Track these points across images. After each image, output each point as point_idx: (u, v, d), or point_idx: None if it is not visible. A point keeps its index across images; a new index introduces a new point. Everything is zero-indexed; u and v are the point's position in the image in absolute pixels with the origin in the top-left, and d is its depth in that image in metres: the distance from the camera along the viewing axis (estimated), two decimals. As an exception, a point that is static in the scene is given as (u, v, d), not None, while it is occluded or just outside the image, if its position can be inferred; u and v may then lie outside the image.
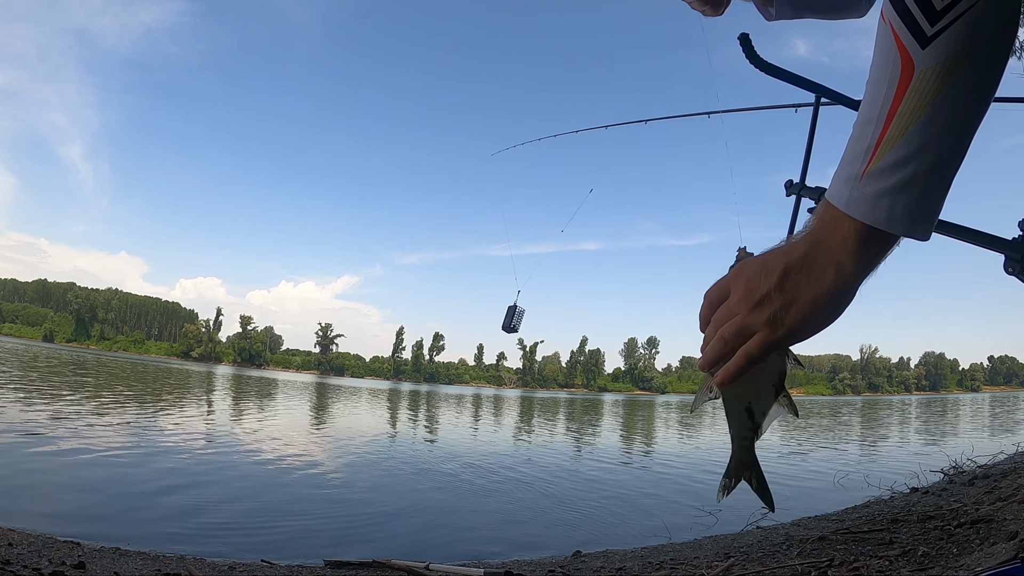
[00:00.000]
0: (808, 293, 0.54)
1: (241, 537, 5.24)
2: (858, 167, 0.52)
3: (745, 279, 0.58)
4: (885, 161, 0.50)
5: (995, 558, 3.01)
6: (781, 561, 3.78)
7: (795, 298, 0.54)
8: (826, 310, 0.55)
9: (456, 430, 18.59)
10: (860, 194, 0.51)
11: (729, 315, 0.59)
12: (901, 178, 0.50)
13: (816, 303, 0.54)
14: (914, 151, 0.49)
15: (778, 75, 1.24)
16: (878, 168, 0.50)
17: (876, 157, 0.51)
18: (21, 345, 72.72)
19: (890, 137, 0.50)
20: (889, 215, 0.50)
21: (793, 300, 0.54)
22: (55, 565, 3.44)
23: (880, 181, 0.50)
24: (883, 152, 0.50)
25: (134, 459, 8.40)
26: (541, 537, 5.88)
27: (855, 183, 0.51)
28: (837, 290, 0.53)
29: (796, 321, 0.55)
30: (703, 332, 0.64)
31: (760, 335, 0.57)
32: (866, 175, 0.51)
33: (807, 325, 0.55)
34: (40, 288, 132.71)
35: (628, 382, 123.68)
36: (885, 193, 0.50)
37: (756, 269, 0.57)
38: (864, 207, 0.51)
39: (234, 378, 49.74)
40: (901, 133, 0.49)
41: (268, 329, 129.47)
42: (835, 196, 0.53)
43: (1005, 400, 55.49)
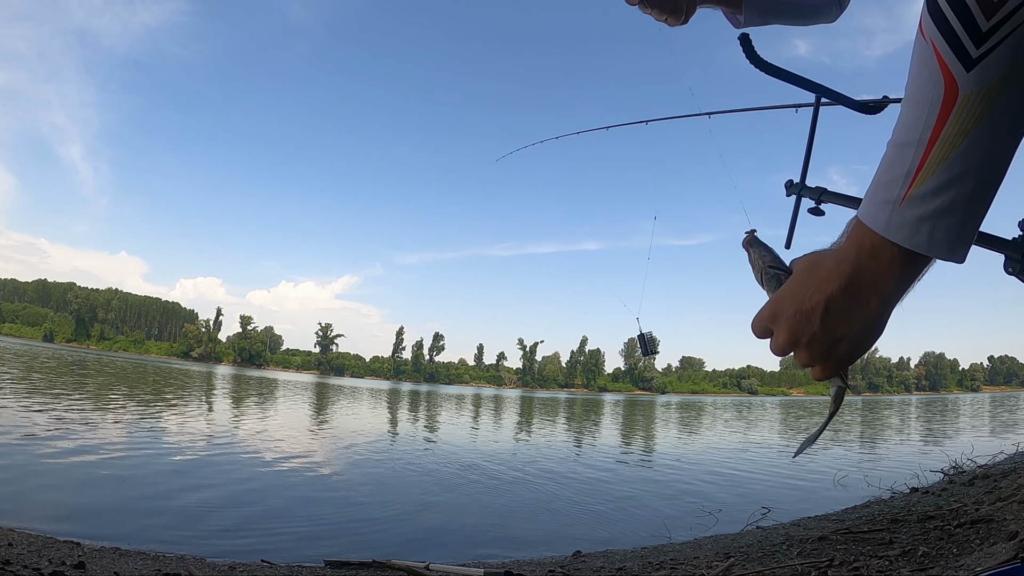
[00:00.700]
0: (856, 326, 0.54)
1: (241, 537, 5.24)
2: (897, 191, 0.51)
3: (786, 323, 0.57)
4: (927, 187, 0.49)
5: (995, 558, 3.01)
6: (781, 561, 3.78)
7: (843, 335, 0.55)
8: (874, 336, 0.56)
9: (456, 430, 18.59)
10: (900, 219, 0.50)
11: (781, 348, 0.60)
12: (943, 204, 0.49)
13: (864, 334, 0.55)
14: (956, 176, 0.48)
15: (778, 75, 1.24)
16: (919, 193, 0.50)
17: (917, 182, 0.50)
18: (21, 345, 72.72)
19: (932, 162, 0.49)
20: (930, 240, 0.50)
21: (842, 336, 0.55)
22: (55, 565, 3.44)
23: (921, 206, 0.50)
24: (924, 177, 0.49)
25: (134, 459, 8.39)
26: (541, 537, 5.88)
27: (895, 207, 0.51)
28: (880, 315, 0.54)
29: (846, 354, 0.56)
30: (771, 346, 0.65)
31: (815, 372, 0.59)
32: (907, 200, 0.50)
33: (856, 353, 0.56)
34: (40, 288, 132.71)
35: (628, 382, 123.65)
36: (926, 218, 0.49)
37: (794, 309, 0.57)
38: (904, 232, 0.50)
39: (234, 378, 49.74)
40: (943, 159, 0.48)
41: (268, 329, 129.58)
42: (872, 219, 0.52)
43: (1005, 400, 55.48)
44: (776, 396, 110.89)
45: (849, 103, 1.38)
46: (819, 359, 0.57)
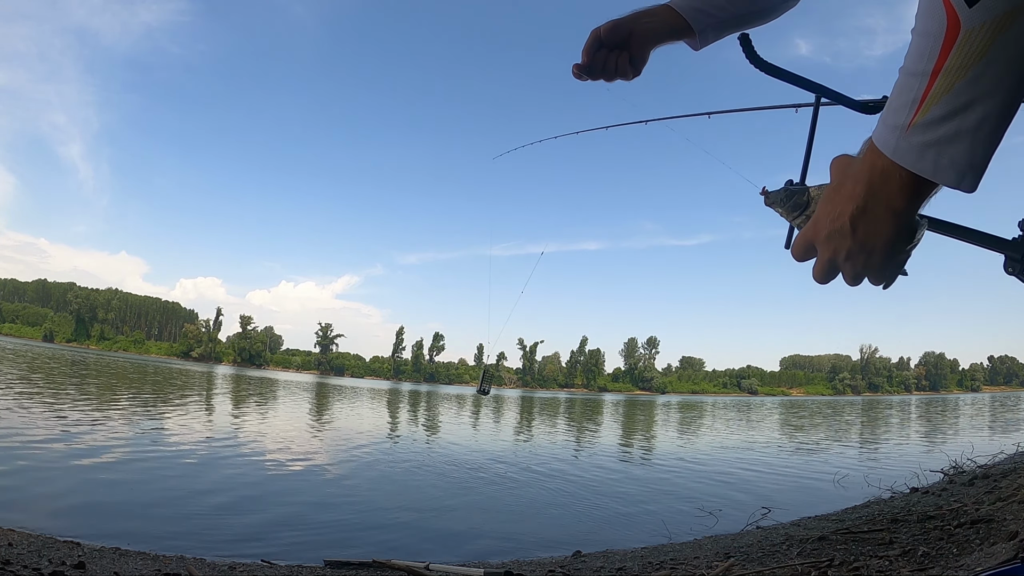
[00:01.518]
0: (881, 239, 0.59)
1: (241, 537, 5.24)
2: (904, 117, 0.53)
3: (824, 243, 0.63)
4: (931, 115, 0.51)
5: (995, 558, 3.01)
6: (781, 561, 3.78)
7: (874, 246, 0.60)
8: (900, 245, 0.60)
9: (456, 431, 18.59)
10: (907, 144, 0.53)
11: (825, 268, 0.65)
12: (946, 132, 0.51)
13: (890, 244, 0.59)
14: (960, 107, 0.50)
15: (778, 75, 1.24)
16: (924, 121, 0.52)
17: (922, 110, 0.52)
18: (21, 345, 72.73)
19: (935, 92, 0.51)
20: (935, 166, 0.52)
21: (873, 248, 0.60)
22: (55, 565, 3.44)
23: (926, 133, 0.52)
24: (929, 106, 0.51)
25: (134, 460, 8.40)
26: (541, 537, 5.88)
27: (901, 132, 0.53)
28: (899, 227, 0.58)
29: (882, 261, 0.61)
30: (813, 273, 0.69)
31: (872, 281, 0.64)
32: (912, 126, 0.52)
33: (891, 260, 0.61)
34: (40, 288, 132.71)
35: (628, 382, 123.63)
36: (931, 145, 0.52)
37: (827, 230, 0.62)
38: (910, 157, 0.53)
39: (234, 378, 49.74)
40: (947, 89, 0.50)
41: (268, 329, 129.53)
42: (882, 142, 0.55)
43: (1005, 400, 55.48)
44: (776, 396, 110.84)
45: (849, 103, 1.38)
46: (863, 269, 0.62)
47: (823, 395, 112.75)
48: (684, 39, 1.12)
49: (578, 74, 1.13)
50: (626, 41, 1.10)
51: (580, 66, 1.12)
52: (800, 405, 57.23)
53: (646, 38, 1.11)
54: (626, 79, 1.13)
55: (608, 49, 1.11)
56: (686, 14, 1.09)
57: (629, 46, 1.11)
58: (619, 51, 1.11)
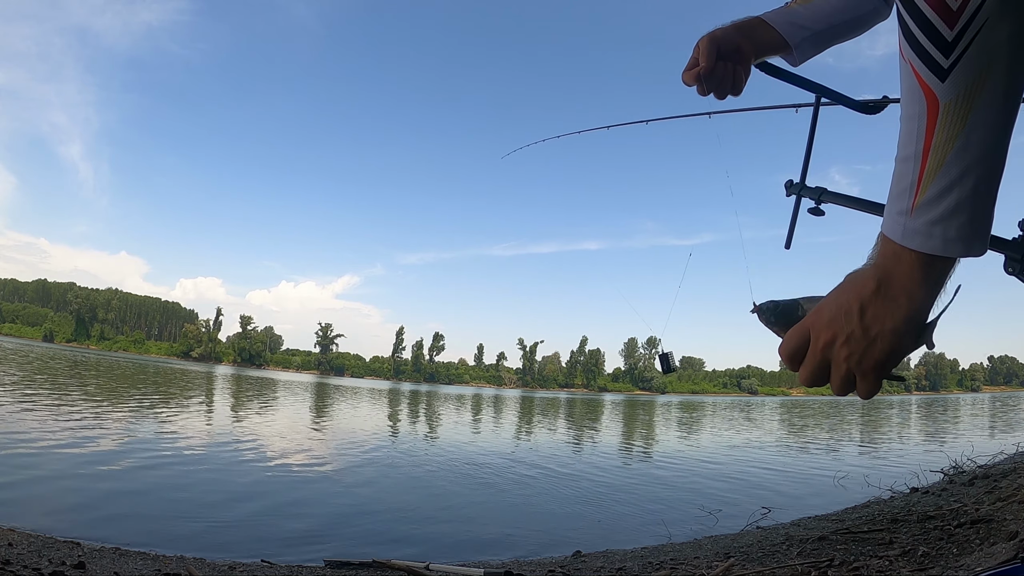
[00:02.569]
0: (889, 324, 0.57)
1: (241, 537, 5.24)
2: (906, 202, 0.54)
3: (826, 321, 0.60)
4: (930, 194, 0.53)
5: (995, 558, 3.01)
6: (781, 561, 3.78)
7: (879, 331, 0.57)
8: (907, 337, 0.58)
9: (456, 430, 18.59)
10: (913, 227, 0.54)
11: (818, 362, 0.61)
12: (948, 207, 0.52)
13: (896, 332, 0.57)
14: (955, 179, 0.52)
15: (778, 75, 1.24)
16: (924, 201, 0.53)
17: (920, 191, 0.53)
18: (21, 345, 72.71)
19: (930, 170, 0.53)
20: (944, 241, 0.53)
21: (877, 334, 0.57)
22: (55, 565, 3.44)
23: (929, 212, 0.53)
24: (926, 186, 0.53)
25: (133, 460, 8.40)
26: (541, 537, 5.88)
27: (907, 217, 0.54)
28: (913, 315, 0.57)
29: (883, 353, 0.58)
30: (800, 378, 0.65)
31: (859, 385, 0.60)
32: (915, 208, 0.54)
33: (891, 354, 0.58)
34: (40, 288, 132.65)
35: (628, 382, 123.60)
36: (936, 222, 0.53)
37: (835, 311, 0.59)
38: (919, 239, 0.54)
39: (234, 378, 49.73)
40: (939, 166, 0.52)
41: (268, 329, 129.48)
42: (891, 231, 0.56)
43: (1005, 400, 55.47)
44: (776, 396, 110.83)
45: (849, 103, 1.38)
46: (856, 361, 0.59)
47: (823, 395, 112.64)
48: (781, 54, 1.07)
49: (697, 82, 1.00)
50: (735, 54, 1.02)
51: (702, 72, 0.99)
52: (800, 405, 57.22)
53: (751, 52, 1.04)
54: (735, 95, 1.05)
55: (723, 61, 1.01)
56: (781, 28, 1.03)
57: (738, 59, 1.02)
58: (732, 64, 1.02)
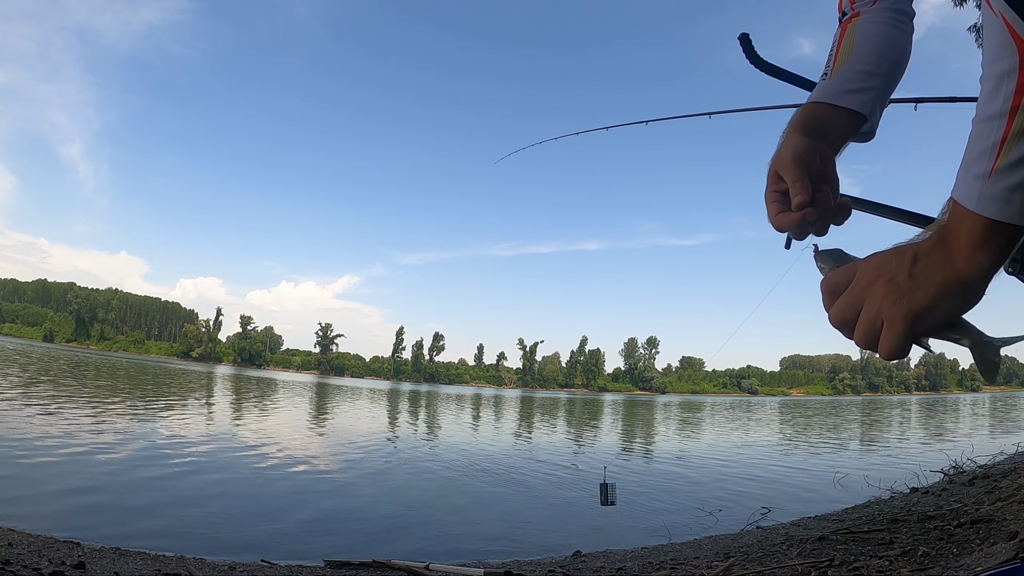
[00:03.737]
0: (938, 277, 0.53)
1: (241, 537, 5.24)
2: (985, 165, 0.49)
3: (876, 263, 0.57)
4: (1013, 156, 0.48)
5: (995, 558, 3.01)
6: (781, 561, 3.78)
7: (924, 281, 0.54)
8: (953, 298, 0.54)
9: (456, 431, 18.59)
10: (991, 192, 0.49)
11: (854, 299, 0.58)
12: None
13: (943, 288, 0.53)
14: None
15: (778, 75, 1.24)
16: (1007, 164, 0.48)
17: (1003, 153, 0.48)
18: (21, 345, 72.72)
19: (1016, 131, 0.48)
20: (1023, 210, 0.48)
21: (922, 284, 0.54)
22: (55, 565, 3.44)
23: (1011, 177, 0.48)
24: (1011, 147, 0.48)
25: (133, 460, 8.40)
26: (541, 537, 5.88)
27: (984, 181, 0.49)
28: (965, 278, 0.53)
29: (922, 305, 0.54)
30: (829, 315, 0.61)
31: (887, 332, 0.56)
32: (995, 172, 0.49)
33: (931, 310, 0.54)
34: (40, 288, 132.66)
35: (628, 382, 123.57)
36: (1017, 188, 0.48)
37: (887, 255, 0.57)
38: (996, 205, 0.49)
39: (234, 378, 49.75)
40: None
41: (268, 329, 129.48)
42: (963, 196, 0.51)
43: (1005, 400, 55.50)
44: (776, 396, 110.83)
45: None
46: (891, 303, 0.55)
47: (823, 395, 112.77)
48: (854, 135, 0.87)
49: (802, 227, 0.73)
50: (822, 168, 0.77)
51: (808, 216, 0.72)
52: (800, 405, 57.23)
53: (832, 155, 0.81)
54: (838, 224, 0.77)
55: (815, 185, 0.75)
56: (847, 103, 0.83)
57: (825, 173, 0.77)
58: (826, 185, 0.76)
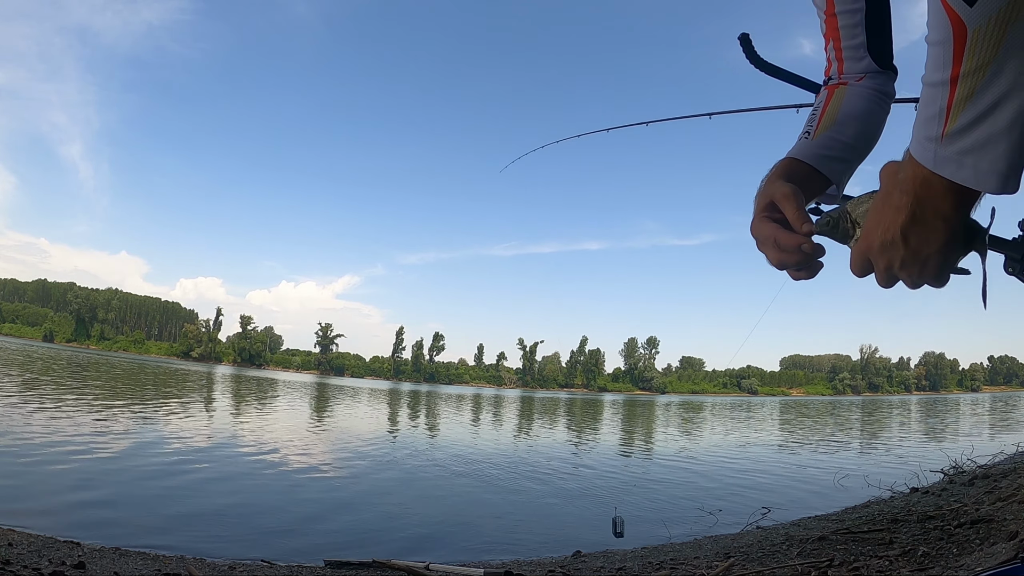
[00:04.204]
0: (934, 247, 0.58)
1: (241, 537, 5.24)
2: (936, 128, 0.52)
3: (878, 254, 0.62)
4: (960, 123, 0.50)
5: (995, 558, 3.01)
6: (781, 561, 3.78)
7: (927, 254, 0.59)
8: (955, 250, 0.59)
9: (456, 431, 18.59)
10: (944, 155, 0.52)
11: (885, 277, 0.64)
12: (979, 138, 0.50)
13: (943, 251, 0.58)
14: (986, 110, 0.49)
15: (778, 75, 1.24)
16: (955, 129, 0.51)
17: (951, 119, 0.51)
18: (21, 345, 72.71)
19: (959, 100, 0.50)
20: (976, 174, 0.51)
21: (927, 255, 0.59)
22: (55, 565, 3.44)
23: (959, 142, 0.51)
24: (956, 114, 0.51)
25: (134, 460, 8.40)
26: (541, 537, 5.88)
27: (937, 144, 0.52)
28: (952, 235, 0.57)
29: (938, 265, 0.60)
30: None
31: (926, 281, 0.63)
32: (946, 136, 0.51)
33: (946, 266, 0.60)
34: (40, 288, 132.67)
35: (628, 382, 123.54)
36: (968, 152, 0.51)
37: (879, 241, 0.61)
38: (951, 167, 0.52)
39: (234, 378, 49.74)
40: (969, 95, 0.50)
41: (268, 329, 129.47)
42: (920, 155, 0.54)
43: (1005, 400, 55.49)
44: (776, 396, 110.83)
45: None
46: (919, 277, 0.61)
47: (823, 395, 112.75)
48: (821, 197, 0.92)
49: (808, 265, 0.74)
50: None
51: (807, 247, 0.72)
52: (800, 405, 57.22)
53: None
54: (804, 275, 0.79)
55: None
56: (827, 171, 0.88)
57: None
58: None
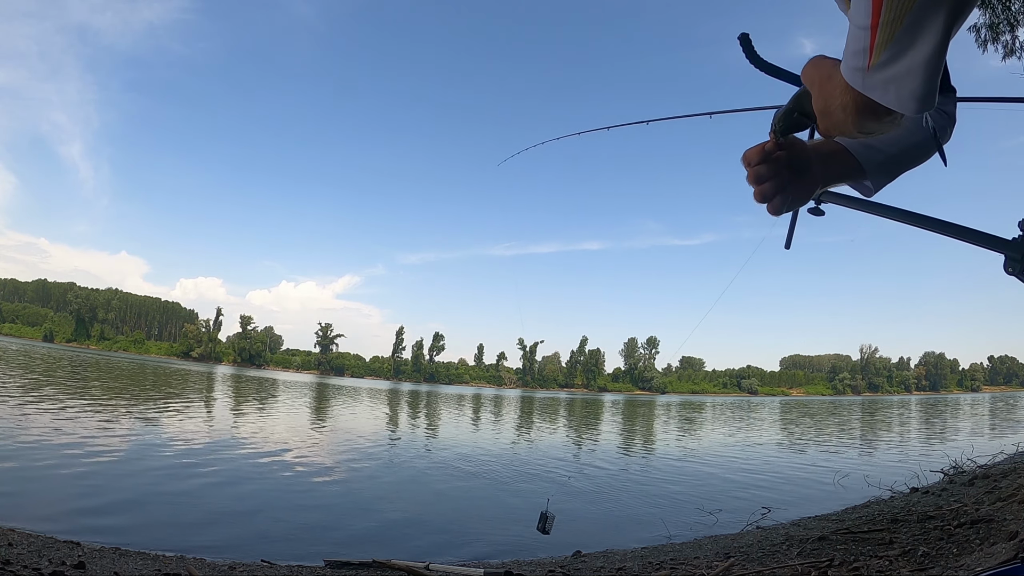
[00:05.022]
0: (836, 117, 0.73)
1: (241, 537, 5.24)
2: (862, 62, 0.63)
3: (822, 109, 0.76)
4: (882, 59, 0.61)
5: (995, 558, 3.01)
6: (781, 561, 3.79)
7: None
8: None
9: (456, 431, 18.59)
10: (871, 81, 0.63)
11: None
12: (899, 70, 0.61)
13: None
14: (904, 49, 0.60)
15: (778, 75, 1.24)
16: (878, 64, 0.62)
17: (874, 56, 0.62)
18: (21, 345, 72.72)
19: (880, 43, 0.60)
20: (898, 98, 0.63)
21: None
22: (55, 565, 3.44)
23: (883, 72, 0.62)
24: (879, 53, 0.61)
25: (134, 460, 8.40)
26: (541, 537, 5.88)
27: (863, 72, 0.63)
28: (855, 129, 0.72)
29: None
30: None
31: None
32: (871, 68, 0.63)
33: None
34: (40, 288, 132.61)
35: (628, 382, 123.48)
36: (891, 81, 0.62)
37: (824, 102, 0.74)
38: (877, 92, 0.64)
39: (234, 378, 49.75)
40: (889, 38, 0.60)
41: (268, 329, 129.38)
42: (850, 78, 0.66)
43: (1005, 400, 55.49)
44: (776, 396, 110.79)
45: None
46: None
47: (823, 395, 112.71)
48: (854, 180, 0.98)
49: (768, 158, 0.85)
50: (804, 171, 0.88)
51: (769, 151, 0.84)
52: (800, 405, 57.22)
53: (822, 176, 0.92)
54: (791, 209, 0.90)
55: (789, 169, 0.86)
56: (855, 151, 0.94)
57: (806, 177, 0.89)
58: (800, 177, 0.88)
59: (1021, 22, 7.98)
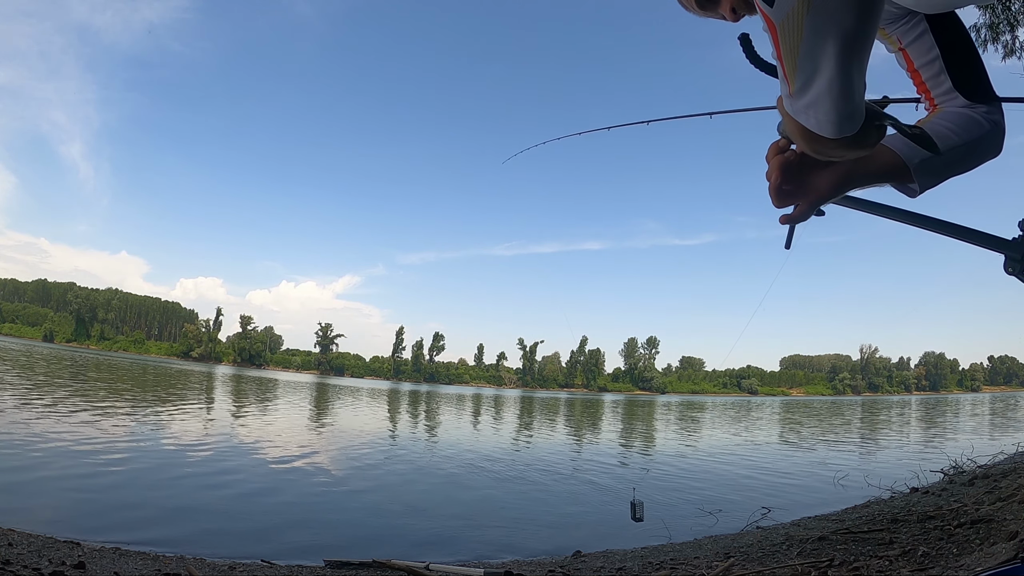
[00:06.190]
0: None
1: (241, 537, 5.24)
2: (786, 89, 0.68)
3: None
4: (795, 87, 0.66)
5: (995, 558, 3.01)
6: (781, 561, 3.79)
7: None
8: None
9: (456, 431, 18.59)
10: (796, 108, 0.68)
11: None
12: (811, 98, 0.65)
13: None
14: (809, 79, 0.64)
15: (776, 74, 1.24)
16: (796, 91, 0.66)
17: (791, 86, 0.66)
18: (21, 345, 72.71)
19: (789, 73, 0.65)
20: (818, 123, 0.67)
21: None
22: (55, 565, 3.44)
23: (801, 100, 0.66)
24: (791, 82, 0.66)
25: (134, 460, 8.40)
26: (541, 537, 5.88)
27: (791, 100, 0.68)
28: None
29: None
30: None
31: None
32: (792, 96, 0.67)
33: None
34: (40, 288, 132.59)
35: (628, 382, 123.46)
36: (809, 107, 0.66)
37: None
38: (802, 118, 0.68)
39: (234, 378, 49.74)
40: (793, 70, 0.64)
41: (268, 329, 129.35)
42: (786, 106, 0.70)
43: (1005, 400, 55.48)
44: (776, 396, 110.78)
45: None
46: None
47: (823, 395, 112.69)
48: (896, 182, 0.92)
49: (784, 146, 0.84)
50: (822, 170, 0.85)
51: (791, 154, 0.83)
52: (800, 405, 57.21)
53: (854, 175, 0.87)
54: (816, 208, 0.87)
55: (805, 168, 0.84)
56: (899, 149, 0.88)
57: (825, 176, 0.85)
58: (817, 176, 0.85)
59: (1021, 22, 7.98)
